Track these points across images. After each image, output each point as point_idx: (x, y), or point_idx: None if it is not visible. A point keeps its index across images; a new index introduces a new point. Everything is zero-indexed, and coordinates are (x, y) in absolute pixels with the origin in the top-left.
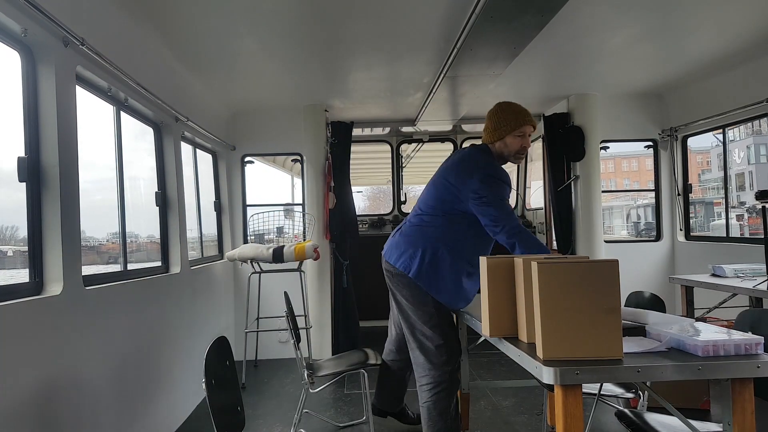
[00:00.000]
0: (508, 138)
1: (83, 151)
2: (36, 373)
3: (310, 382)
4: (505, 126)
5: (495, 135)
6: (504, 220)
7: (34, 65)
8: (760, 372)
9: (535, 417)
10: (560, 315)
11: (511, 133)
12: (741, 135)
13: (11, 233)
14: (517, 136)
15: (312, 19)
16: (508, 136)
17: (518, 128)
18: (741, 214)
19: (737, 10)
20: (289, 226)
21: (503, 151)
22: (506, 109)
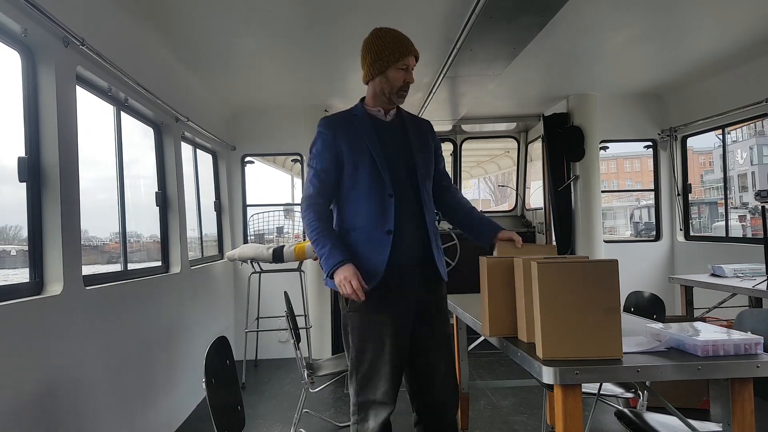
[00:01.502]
0: (391, 71)
1: (87, 150)
2: (36, 373)
3: (310, 382)
4: (387, 56)
5: (375, 68)
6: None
7: (34, 65)
8: (760, 372)
9: (534, 416)
10: (560, 315)
11: (394, 65)
12: (744, 136)
13: (15, 233)
14: (400, 69)
15: (312, 19)
16: (391, 69)
17: (402, 58)
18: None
19: (737, 11)
20: (289, 226)
21: (384, 86)
22: (386, 35)
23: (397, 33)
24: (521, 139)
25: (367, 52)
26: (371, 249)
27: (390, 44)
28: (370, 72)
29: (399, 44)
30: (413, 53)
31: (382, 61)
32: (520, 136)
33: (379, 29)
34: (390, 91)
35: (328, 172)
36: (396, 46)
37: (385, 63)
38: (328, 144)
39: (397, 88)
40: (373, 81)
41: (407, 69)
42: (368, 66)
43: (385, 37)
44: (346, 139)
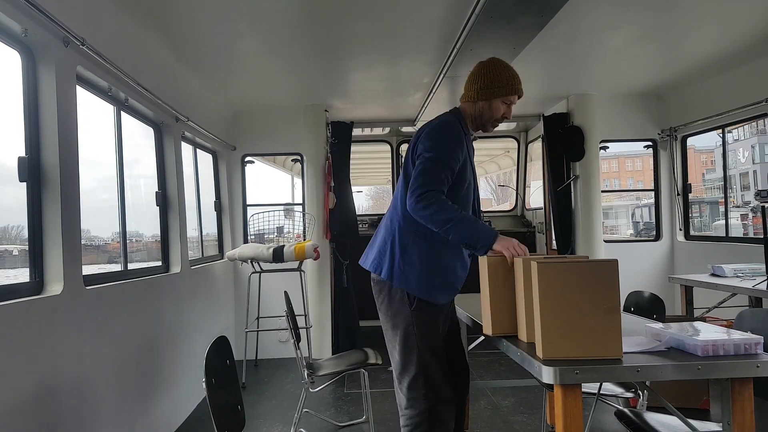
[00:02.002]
0: (496, 101)
1: (89, 150)
2: (36, 373)
3: (310, 382)
4: (500, 87)
5: (484, 93)
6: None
7: (34, 65)
8: (760, 372)
9: (534, 416)
10: (560, 315)
11: (502, 97)
12: (746, 134)
13: (17, 233)
14: (505, 103)
15: (312, 19)
16: (497, 99)
17: (512, 94)
18: (746, 213)
19: (737, 11)
20: (289, 226)
21: (484, 113)
22: (505, 68)
23: (512, 70)
24: (521, 139)
25: (481, 77)
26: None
27: (505, 78)
28: (476, 95)
29: (512, 81)
30: (519, 93)
31: (492, 90)
32: (520, 135)
33: (498, 60)
34: (488, 118)
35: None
36: (509, 81)
37: (495, 92)
38: (461, 147)
39: (494, 119)
40: (475, 104)
41: (509, 105)
42: (477, 89)
43: (503, 70)
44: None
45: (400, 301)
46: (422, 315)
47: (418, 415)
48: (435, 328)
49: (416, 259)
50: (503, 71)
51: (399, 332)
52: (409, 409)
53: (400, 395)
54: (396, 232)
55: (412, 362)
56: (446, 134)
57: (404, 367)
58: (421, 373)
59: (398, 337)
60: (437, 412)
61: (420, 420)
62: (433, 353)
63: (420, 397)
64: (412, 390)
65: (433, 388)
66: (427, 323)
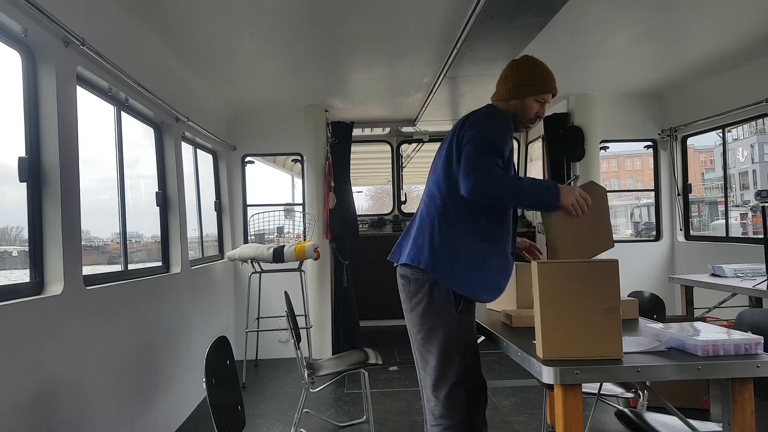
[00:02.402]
0: (529, 99)
1: (87, 150)
2: (36, 373)
3: (311, 382)
4: (534, 85)
5: (517, 92)
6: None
7: (34, 65)
8: (760, 372)
9: (534, 416)
10: (560, 315)
11: (536, 95)
12: (745, 134)
13: (16, 234)
14: (538, 101)
15: (312, 19)
16: (531, 98)
17: (545, 92)
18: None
19: (737, 10)
20: (289, 226)
21: (518, 111)
22: (538, 66)
23: (546, 68)
24: (521, 139)
25: (514, 75)
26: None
27: (539, 76)
28: (509, 93)
29: (546, 78)
30: (553, 91)
31: (526, 88)
32: (520, 136)
33: (531, 58)
34: (522, 117)
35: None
36: (543, 79)
37: (528, 90)
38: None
39: (527, 119)
40: (507, 102)
41: (543, 103)
42: (510, 87)
43: (536, 67)
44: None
45: (445, 301)
46: (467, 317)
47: (456, 426)
48: (474, 331)
49: (462, 253)
50: (537, 69)
51: (439, 336)
52: (446, 419)
53: (435, 403)
54: (436, 224)
55: (453, 370)
56: (497, 120)
57: (443, 374)
58: (462, 381)
59: (438, 341)
60: (475, 422)
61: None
62: (475, 358)
63: (459, 406)
64: (451, 398)
65: (473, 398)
66: (470, 327)
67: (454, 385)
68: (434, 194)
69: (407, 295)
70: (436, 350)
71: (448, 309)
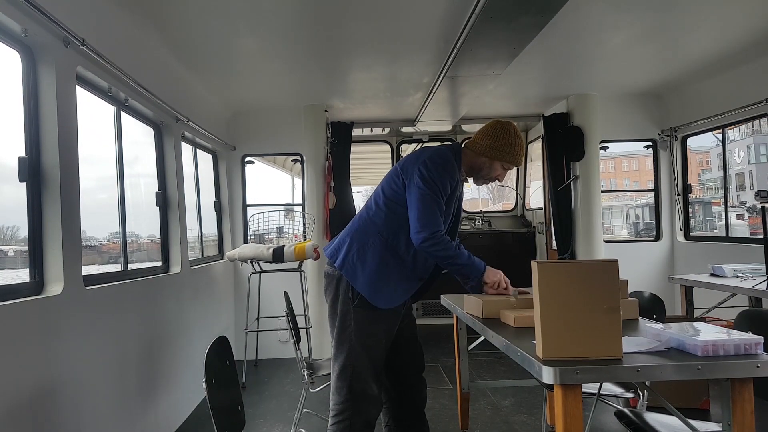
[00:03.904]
0: (497, 164)
1: (89, 148)
2: (36, 373)
3: (310, 382)
4: (507, 153)
5: (491, 152)
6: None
7: (34, 65)
8: (760, 372)
9: (534, 416)
10: (560, 315)
11: (504, 162)
12: (741, 135)
13: (12, 233)
14: (503, 168)
15: (312, 19)
16: (499, 162)
17: (513, 163)
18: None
19: (737, 11)
20: (289, 226)
21: (482, 168)
22: (516, 137)
23: (522, 141)
24: None
25: (495, 136)
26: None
27: (514, 149)
28: (483, 150)
29: (518, 152)
30: (518, 165)
31: (499, 152)
32: None
33: (514, 127)
34: (485, 174)
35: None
36: (516, 152)
37: (500, 155)
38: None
39: (488, 177)
40: (478, 157)
41: (506, 170)
42: (486, 146)
43: (515, 139)
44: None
45: (345, 293)
46: (362, 312)
47: (342, 403)
48: (374, 329)
49: (370, 260)
50: (515, 140)
51: (337, 322)
52: (335, 395)
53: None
54: (359, 230)
55: (343, 353)
56: (443, 166)
57: (336, 357)
58: (350, 365)
59: (335, 325)
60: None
61: (343, 408)
62: (366, 350)
63: (345, 387)
64: (339, 379)
65: (359, 382)
66: (366, 322)
67: (343, 368)
68: (371, 206)
69: (324, 288)
70: (335, 333)
71: (346, 299)
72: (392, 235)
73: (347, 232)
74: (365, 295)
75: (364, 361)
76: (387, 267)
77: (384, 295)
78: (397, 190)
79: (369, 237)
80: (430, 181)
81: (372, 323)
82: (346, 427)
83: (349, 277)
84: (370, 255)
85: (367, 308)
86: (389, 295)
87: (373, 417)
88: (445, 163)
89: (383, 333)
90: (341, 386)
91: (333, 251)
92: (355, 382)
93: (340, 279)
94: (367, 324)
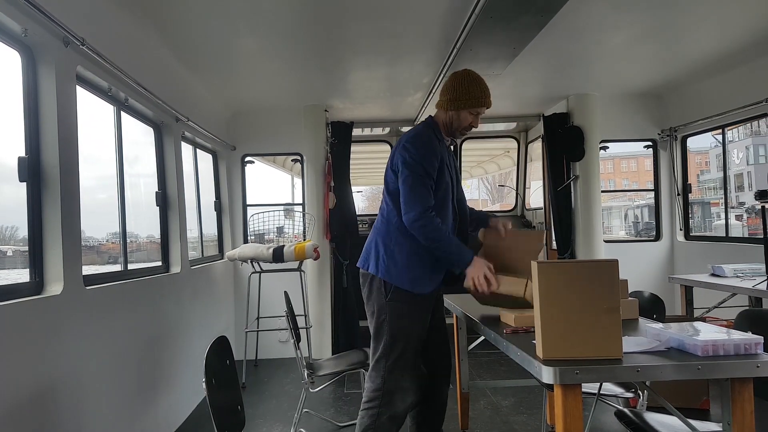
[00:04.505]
0: (464, 112)
1: (89, 148)
2: (36, 373)
3: (310, 382)
4: (466, 99)
5: (452, 104)
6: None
7: (34, 65)
8: (760, 372)
9: (534, 416)
10: (560, 315)
11: (468, 108)
12: (740, 135)
13: (11, 233)
14: (472, 114)
15: (312, 19)
16: (465, 110)
17: (478, 106)
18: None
19: (737, 10)
20: (289, 226)
21: (454, 121)
22: (473, 82)
23: (483, 83)
24: (521, 139)
25: (452, 88)
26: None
27: (474, 91)
28: (447, 104)
29: (480, 94)
30: (487, 105)
31: (460, 101)
32: (520, 136)
33: (470, 73)
34: (457, 127)
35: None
36: (477, 94)
37: (462, 104)
38: (435, 152)
39: (462, 127)
40: (446, 112)
41: (476, 115)
42: (447, 100)
43: (472, 83)
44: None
45: (378, 289)
46: (395, 306)
47: (374, 391)
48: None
49: (398, 255)
50: (473, 84)
51: (374, 316)
52: (369, 382)
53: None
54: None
55: (380, 344)
56: (421, 145)
57: (374, 349)
58: (384, 356)
59: (372, 319)
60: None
61: (374, 396)
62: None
63: (379, 377)
64: (375, 369)
65: (392, 373)
66: (399, 315)
67: (377, 360)
68: (383, 208)
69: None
70: (371, 329)
71: (380, 298)
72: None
73: (371, 239)
74: (409, 288)
75: (399, 352)
76: (416, 255)
77: (423, 281)
78: (394, 182)
79: (391, 235)
80: (412, 164)
81: (405, 316)
82: (374, 414)
83: (389, 279)
84: (397, 251)
85: (400, 301)
86: (427, 280)
87: (401, 410)
88: (422, 141)
89: (417, 325)
90: (376, 376)
91: (363, 261)
92: (388, 374)
93: (372, 278)
94: (400, 317)
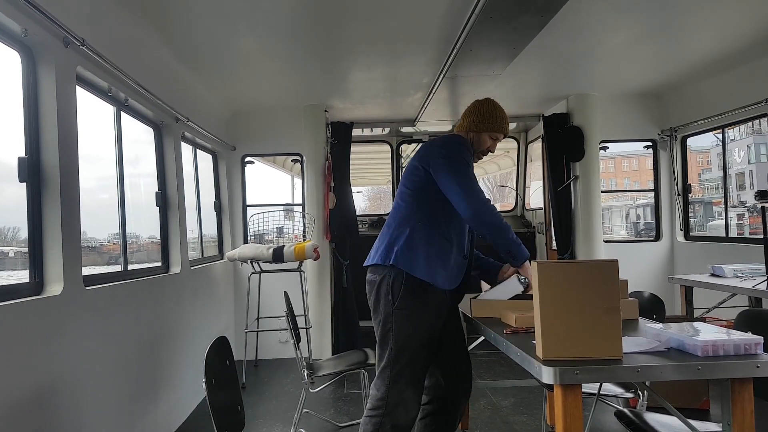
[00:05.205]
0: (485, 135)
1: (89, 148)
2: (36, 373)
3: (310, 382)
4: (488, 122)
5: (474, 126)
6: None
7: (34, 65)
8: (760, 372)
9: (534, 416)
10: (560, 315)
11: (489, 132)
12: (741, 134)
13: (13, 234)
14: (491, 138)
15: (312, 19)
16: (485, 133)
17: (498, 131)
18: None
19: (737, 11)
20: (289, 226)
21: (473, 143)
22: (495, 108)
23: (502, 111)
24: (521, 140)
25: (476, 111)
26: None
27: (495, 116)
28: (469, 125)
29: (501, 119)
30: (505, 132)
31: (483, 123)
32: (520, 136)
33: (492, 100)
34: (476, 148)
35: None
36: (498, 119)
37: (484, 126)
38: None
39: (480, 150)
40: (467, 134)
41: (495, 140)
42: (470, 121)
43: (494, 108)
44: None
45: (385, 296)
46: (402, 314)
47: (378, 400)
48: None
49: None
50: (495, 110)
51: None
52: (374, 389)
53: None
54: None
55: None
56: (462, 147)
57: (379, 356)
58: (389, 365)
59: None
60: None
61: (378, 404)
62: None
63: (383, 386)
64: (380, 377)
65: (397, 384)
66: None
67: (383, 368)
68: (398, 204)
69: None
70: (377, 336)
71: (386, 306)
72: (429, 218)
73: (384, 234)
74: (426, 279)
75: (403, 363)
76: (435, 246)
77: (442, 273)
78: (420, 180)
79: (409, 226)
80: (456, 157)
81: (412, 325)
82: (376, 423)
83: (405, 267)
84: (416, 240)
85: (408, 309)
86: (447, 274)
87: (404, 421)
88: (460, 142)
89: (424, 336)
90: (380, 385)
91: (372, 257)
92: (392, 383)
93: (380, 283)
94: (408, 326)
